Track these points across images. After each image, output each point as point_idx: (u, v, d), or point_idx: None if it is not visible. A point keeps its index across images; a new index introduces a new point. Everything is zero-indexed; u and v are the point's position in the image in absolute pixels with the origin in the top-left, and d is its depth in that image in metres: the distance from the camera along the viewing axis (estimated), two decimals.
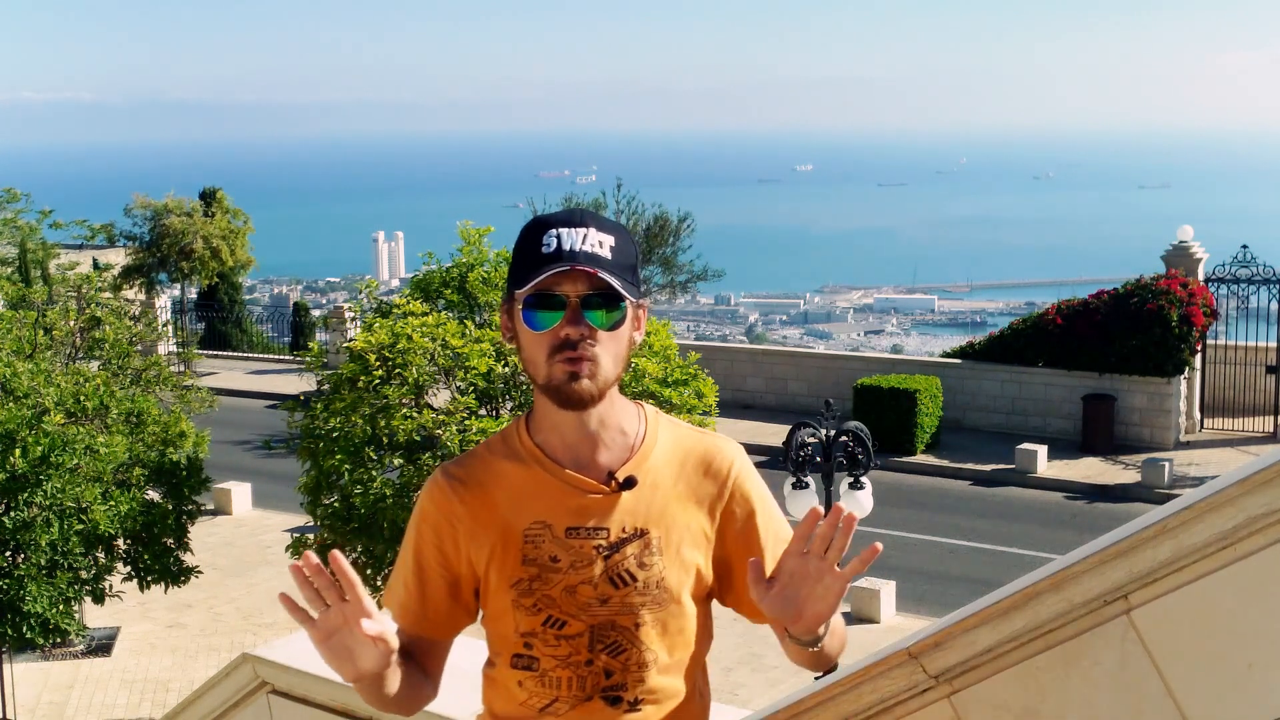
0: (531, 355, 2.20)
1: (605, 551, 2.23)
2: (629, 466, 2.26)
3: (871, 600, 14.62)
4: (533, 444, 2.28)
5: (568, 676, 2.24)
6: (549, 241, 2.15)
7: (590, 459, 2.26)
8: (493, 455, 2.32)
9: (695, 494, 2.30)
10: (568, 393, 2.16)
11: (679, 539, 2.27)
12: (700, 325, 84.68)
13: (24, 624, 10.32)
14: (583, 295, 2.14)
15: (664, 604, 2.25)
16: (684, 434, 2.35)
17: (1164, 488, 18.61)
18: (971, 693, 2.42)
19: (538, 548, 2.23)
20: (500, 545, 2.25)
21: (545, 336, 2.16)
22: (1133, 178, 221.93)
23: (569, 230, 2.16)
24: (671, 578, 2.26)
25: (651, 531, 2.25)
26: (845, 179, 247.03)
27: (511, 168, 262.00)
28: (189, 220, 30.19)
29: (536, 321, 2.16)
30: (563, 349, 2.15)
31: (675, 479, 2.29)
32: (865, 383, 21.67)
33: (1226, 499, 2.14)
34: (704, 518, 2.30)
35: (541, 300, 2.15)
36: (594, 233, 2.16)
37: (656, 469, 2.28)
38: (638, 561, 2.24)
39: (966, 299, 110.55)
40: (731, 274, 35.87)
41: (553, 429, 2.26)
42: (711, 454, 2.33)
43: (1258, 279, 21.42)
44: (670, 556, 2.26)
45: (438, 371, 10.69)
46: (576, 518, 2.24)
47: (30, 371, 11.37)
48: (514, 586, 2.24)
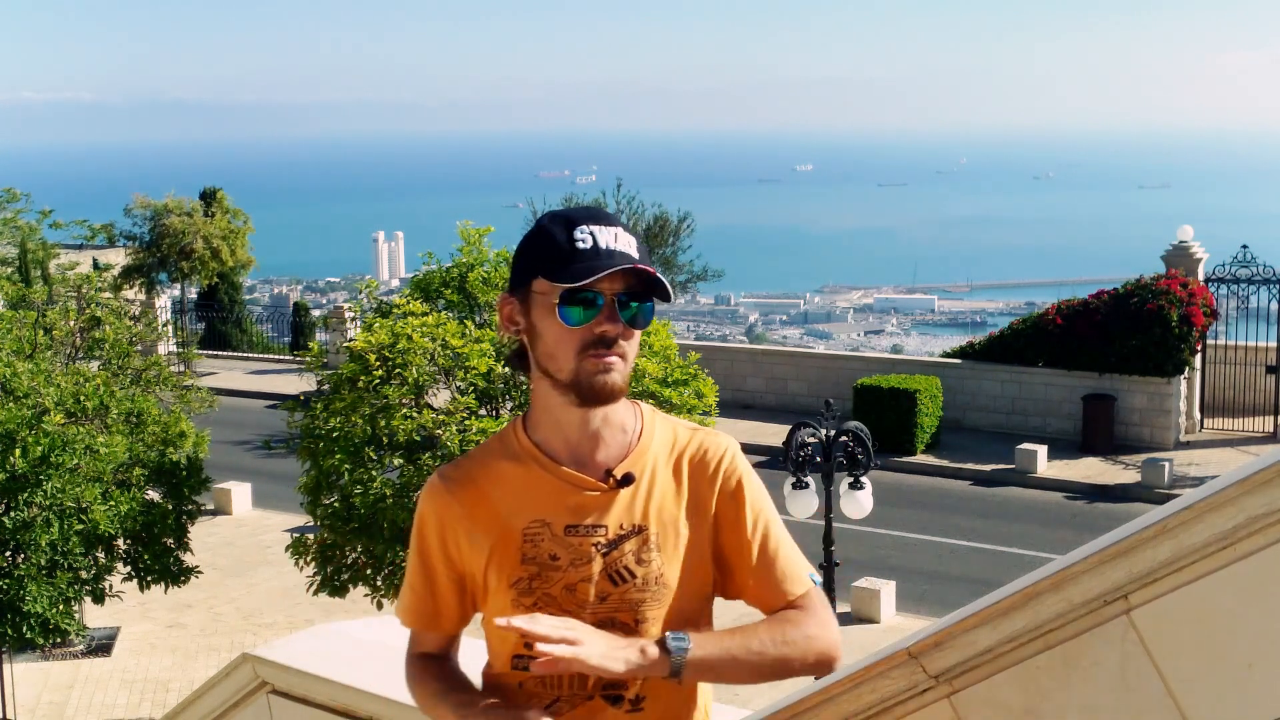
0: (555, 350, 2.19)
1: (604, 549, 2.23)
2: (626, 463, 2.26)
3: (871, 600, 14.61)
4: (530, 443, 2.29)
5: (569, 676, 2.23)
6: (583, 237, 2.15)
7: (589, 457, 2.26)
8: (489, 456, 2.32)
9: (692, 489, 2.30)
10: (599, 387, 2.17)
11: (677, 535, 2.27)
12: (700, 325, 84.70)
13: (24, 624, 10.32)
14: (618, 293, 2.16)
15: (664, 600, 2.25)
16: (679, 430, 2.36)
17: (1164, 488, 18.61)
18: (971, 693, 2.42)
19: (537, 546, 2.23)
20: (499, 545, 2.25)
21: (578, 332, 2.16)
22: (1133, 178, 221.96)
23: (601, 228, 2.17)
24: (671, 574, 2.26)
25: (650, 528, 2.25)
26: (845, 179, 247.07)
27: (511, 168, 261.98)
28: (189, 220, 30.20)
29: (573, 316, 2.16)
30: (596, 345, 2.16)
31: (672, 475, 2.30)
32: (865, 383, 21.67)
33: (1226, 499, 2.14)
34: (701, 512, 2.30)
35: (579, 296, 2.15)
36: (623, 233, 2.19)
37: (653, 465, 2.29)
38: (636, 558, 2.24)
39: (966, 299, 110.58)
40: (731, 274, 35.91)
41: (554, 427, 2.26)
42: (706, 448, 2.33)
43: (1258, 279, 21.42)
44: (669, 552, 2.26)
45: (438, 371, 10.69)
46: (575, 515, 2.24)
47: (30, 371, 11.37)
48: (514, 586, 2.24)
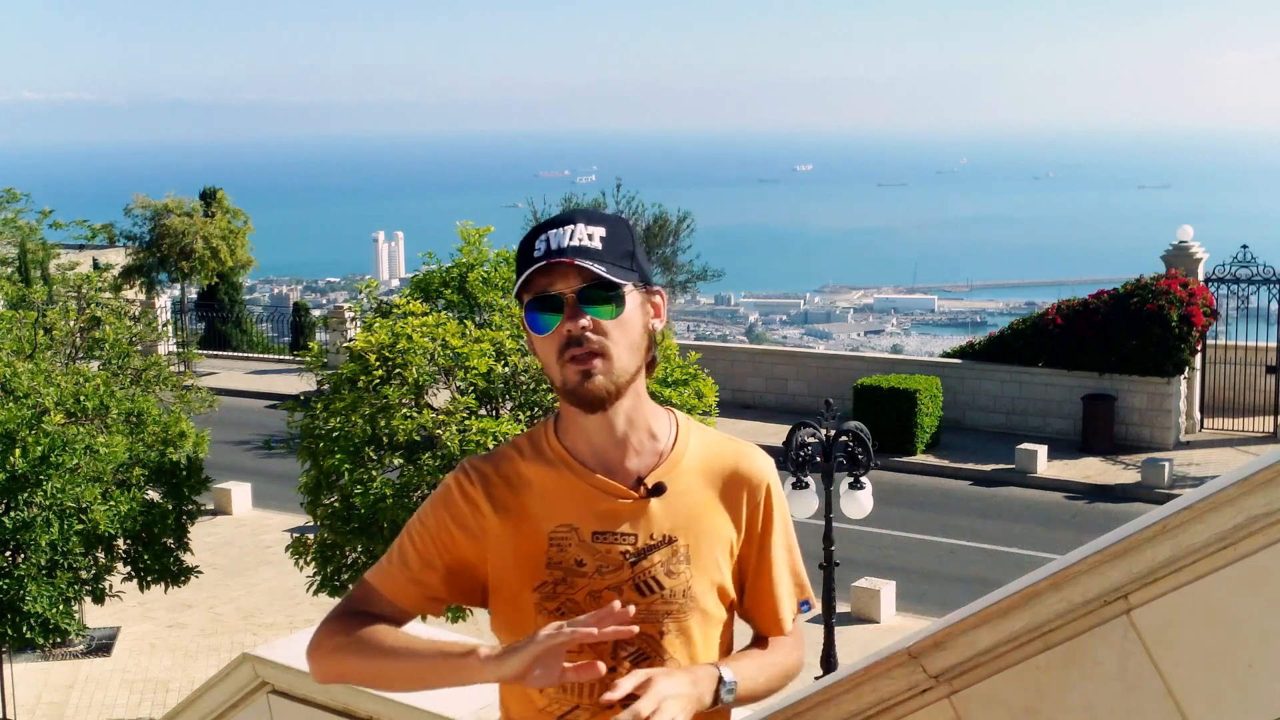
0: (546, 360, 2.19)
1: (632, 558, 2.20)
2: (658, 473, 2.24)
3: (871, 600, 14.61)
4: (561, 447, 2.26)
5: (589, 684, 2.18)
6: (539, 246, 2.16)
7: (619, 464, 2.23)
8: (521, 456, 2.29)
9: (725, 504, 2.28)
10: (583, 394, 2.15)
11: (707, 548, 2.24)
12: (700, 325, 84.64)
13: (24, 624, 10.31)
14: (578, 289, 2.14)
15: (689, 613, 2.22)
16: (715, 441, 2.33)
17: (1164, 488, 18.61)
18: (971, 693, 2.42)
19: (563, 551, 2.21)
20: (525, 547, 2.22)
21: (552, 338, 2.15)
22: (1133, 178, 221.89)
23: (556, 230, 2.17)
24: (698, 587, 2.23)
25: (680, 539, 2.23)
26: (845, 179, 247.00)
27: (511, 168, 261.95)
28: (189, 220, 30.20)
29: (539, 324, 2.16)
30: (569, 347, 2.14)
31: (705, 487, 2.27)
32: (865, 383, 21.67)
33: (1226, 499, 2.14)
34: (731, 528, 2.28)
35: (541, 303, 2.15)
36: (581, 227, 2.16)
37: (686, 476, 2.26)
38: (665, 569, 2.21)
39: (966, 299, 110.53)
40: (731, 274, 35.86)
41: (580, 433, 2.24)
42: (745, 465, 2.31)
43: (1258, 279, 21.42)
44: (698, 566, 2.23)
45: (438, 371, 10.69)
46: (604, 522, 2.21)
47: (30, 371, 11.37)
48: (537, 590, 2.20)
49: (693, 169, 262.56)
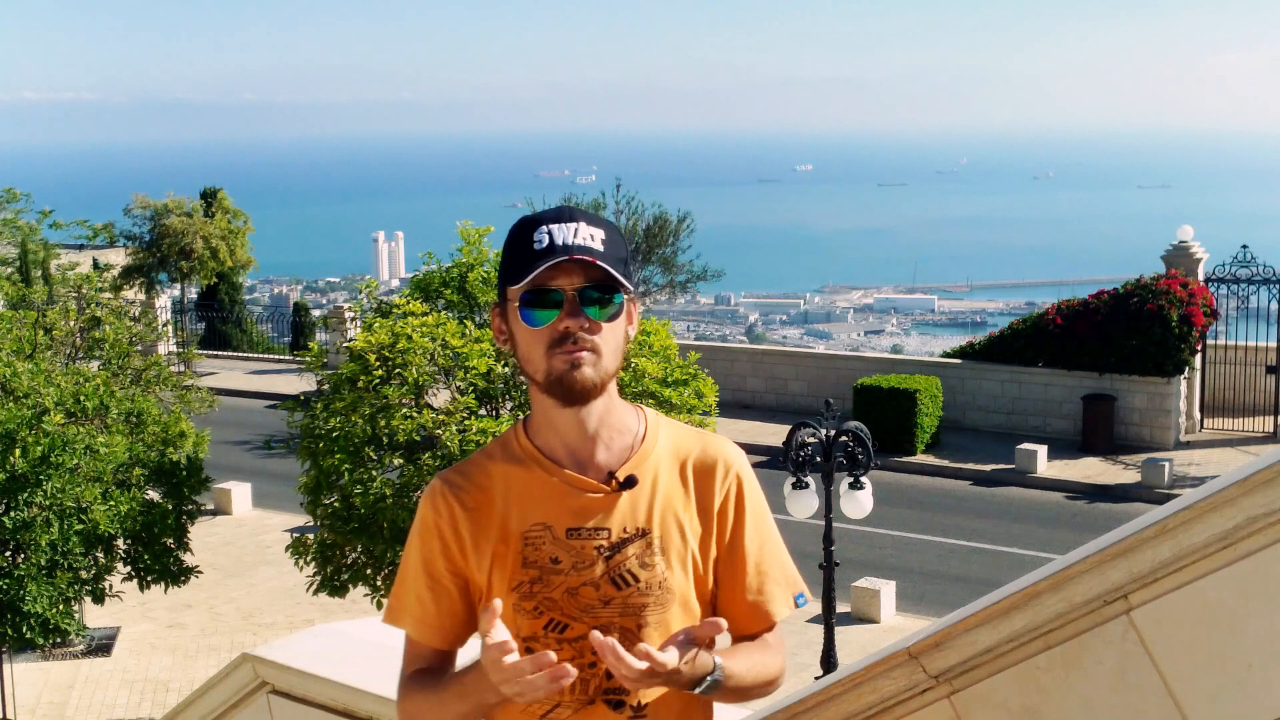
0: (529, 353, 2.19)
1: (606, 552, 2.21)
2: (629, 466, 2.24)
3: (871, 600, 14.61)
4: (531, 446, 2.27)
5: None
6: (540, 238, 2.14)
7: (590, 459, 2.24)
8: (490, 460, 2.30)
9: (696, 494, 2.28)
10: (569, 383, 2.15)
11: (681, 539, 2.25)
12: (700, 325, 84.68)
13: (24, 624, 10.31)
14: (579, 288, 2.14)
15: (667, 605, 2.23)
16: (684, 434, 2.34)
17: (1164, 488, 18.61)
18: (971, 693, 2.42)
19: (538, 550, 2.21)
20: (501, 548, 2.23)
21: (543, 332, 2.15)
22: (1133, 178, 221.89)
23: (560, 225, 2.15)
24: (674, 578, 2.24)
25: (653, 532, 2.23)
26: (845, 179, 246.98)
27: (511, 168, 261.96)
28: (189, 220, 30.20)
29: (534, 318, 2.15)
30: (561, 342, 2.14)
31: (675, 479, 2.27)
32: (865, 383, 21.66)
33: (1226, 499, 2.14)
34: (704, 518, 2.28)
35: (538, 296, 2.15)
36: (584, 226, 2.16)
37: (657, 468, 2.26)
38: (639, 562, 2.22)
39: (966, 299, 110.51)
40: (731, 274, 35.87)
41: (552, 430, 2.25)
42: (713, 455, 2.31)
43: (1258, 279, 21.42)
44: (672, 557, 2.24)
45: (438, 371, 10.68)
46: (577, 518, 2.22)
47: (30, 371, 11.37)
48: (515, 590, 2.22)
49: (693, 169, 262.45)
